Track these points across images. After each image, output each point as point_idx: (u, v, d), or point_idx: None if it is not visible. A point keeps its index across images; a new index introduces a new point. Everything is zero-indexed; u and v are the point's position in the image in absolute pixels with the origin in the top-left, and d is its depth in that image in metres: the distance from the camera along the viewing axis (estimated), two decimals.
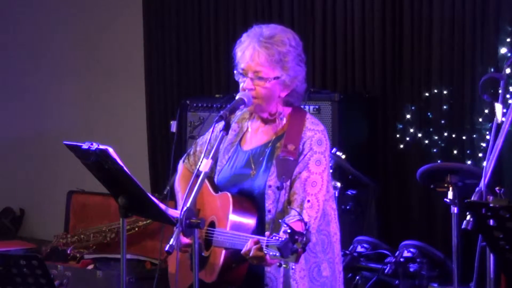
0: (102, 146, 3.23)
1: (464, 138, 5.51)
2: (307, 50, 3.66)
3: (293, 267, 3.31)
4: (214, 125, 3.37)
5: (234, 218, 3.33)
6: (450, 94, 5.59)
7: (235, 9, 6.60)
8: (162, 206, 3.34)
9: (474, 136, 5.45)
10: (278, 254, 2.97)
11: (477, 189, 3.11)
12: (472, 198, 3.08)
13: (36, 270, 3.31)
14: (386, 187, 5.77)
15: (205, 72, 6.82)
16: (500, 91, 3.34)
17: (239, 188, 3.44)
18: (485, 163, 3.19)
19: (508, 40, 5.30)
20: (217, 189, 3.51)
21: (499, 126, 3.22)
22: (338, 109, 5.49)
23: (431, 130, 5.64)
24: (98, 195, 6.40)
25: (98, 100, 7.69)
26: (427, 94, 5.66)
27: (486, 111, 5.35)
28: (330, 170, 3.53)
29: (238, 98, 3.38)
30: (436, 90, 5.62)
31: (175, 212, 3.29)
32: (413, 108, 5.72)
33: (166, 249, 3.06)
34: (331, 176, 3.60)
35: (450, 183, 4.44)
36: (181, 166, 3.74)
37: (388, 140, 5.83)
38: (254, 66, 3.37)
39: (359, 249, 5.01)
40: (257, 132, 3.52)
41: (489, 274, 3.34)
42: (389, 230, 5.71)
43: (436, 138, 5.62)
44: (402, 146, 5.74)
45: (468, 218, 2.99)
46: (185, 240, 3.38)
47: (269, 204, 3.34)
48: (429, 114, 5.67)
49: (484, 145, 5.36)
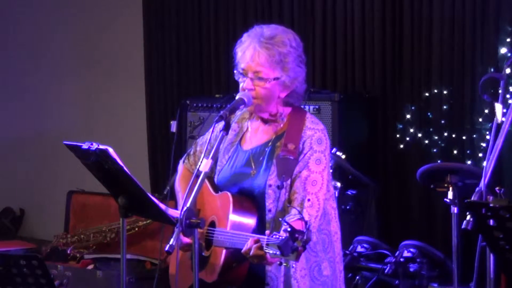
0: (102, 146, 3.23)
1: (464, 138, 5.51)
2: (307, 50, 3.66)
3: (293, 266, 3.31)
4: (214, 125, 3.37)
5: (234, 217, 3.33)
6: (450, 94, 5.59)
7: (235, 9, 6.60)
8: (162, 206, 3.34)
9: (474, 136, 5.45)
10: (278, 252, 2.97)
11: (477, 189, 3.11)
12: (472, 198, 3.08)
13: (36, 270, 3.30)
14: (386, 187, 5.77)
15: (205, 72, 6.82)
16: (500, 91, 3.34)
17: (239, 187, 3.44)
18: (485, 163, 3.19)
19: (508, 40, 5.30)
20: (217, 189, 3.51)
21: (499, 126, 3.22)
22: (338, 109, 5.49)
23: (431, 130, 5.64)
24: (98, 195, 6.40)
25: (98, 100, 7.69)
26: (427, 94, 5.66)
27: (486, 111, 5.35)
28: (330, 170, 3.53)
29: (238, 98, 3.38)
30: (436, 90, 5.62)
31: (175, 212, 3.29)
32: (413, 108, 5.71)
33: (166, 249, 3.05)
34: (331, 176, 3.60)
35: (450, 183, 4.43)
36: (181, 166, 3.74)
37: (388, 140, 5.83)
38: (254, 66, 3.37)
39: (359, 249, 5.01)
40: (257, 131, 3.52)
41: (489, 274, 3.34)
42: (389, 230, 5.71)
43: (436, 138, 5.62)
44: (402, 146, 5.73)
45: (468, 218, 2.99)
46: (185, 240, 3.38)
47: (269, 203, 3.34)
48: (429, 114, 5.67)
49: (484, 145, 5.36)
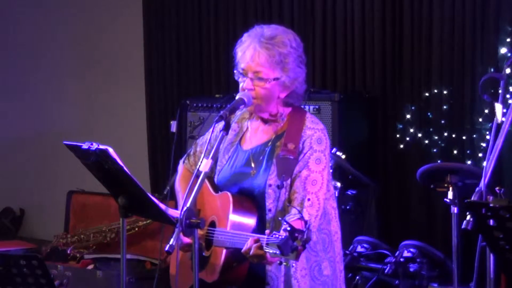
0: (102, 146, 3.23)
1: (464, 138, 5.51)
2: (307, 50, 3.65)
3: (293, 265, 3.30)
4: (214, 125, 3.37)
5: (235, 217, 3.33)
6: (450, 94, 5.59)
7: (235, 9, 6.60)
8: (162, 206, 3.34)
9: (474, 136, 5.45)
10: (278, 252, 2.97)
11: (477, 189, 3.11)
12: (472, 198, 3.08)
13: (36, 270, 3.30)
14: (386, 187, 5.77)
15: (205, 72, 6.82)
16: (500, 91, 3.34)
17: (239, 187, 3.44)
18: (485, 163, 3.19)
19: (508, 40, 5.30)
20: (217, 189, 3.51)
21: (499, 126, 3.22)
22: (338, 109, 5.49)
23: (431, 130, 5.64)
24: (98, 195, 6.40)
25: (98, 100, 7.69)
26: (427, 94, 5.66)
27: (486, 111, 5.35)
28: (330, 170, 3.53)
29: (238, 98, 3.38)
30: (436, 90, 5.62)
31: (175, 212, 3.29)
32: (413, 108, 5.71)
33: (166, 249, 3.05)
34: (331, 176, 3.60)
35: (450, 183, 4.43)
36: (181, 167, 3.74)
37: (388, 140, 5.83)
38: (254, 66, 3.37)
39: (359, 249, 5.01)
40: (257, 131, 3.52)
41: (489, 274, 3.34)
42: (389, 230, 5.71)
43: (436, 138, 5.62)
44: (402, 146, 5.73)
45: (468, 218, 2.99)
46: (186, 240, 3.38)
47: (269, 203, 3.34)
48: (429, 114, 5.67)
49: (484, 145, 5.36)
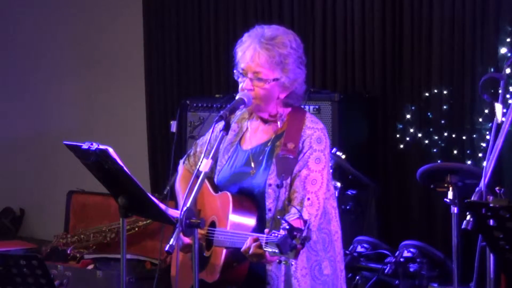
0: (102, 146, 3.23)
1: (464, 138, 5.51)
2: (307, 50, 3.65)
3: (292, 264, 3.30)
4: (214, 125, 3.37)
5: (234, 217, 3.33)
6: (450, 94, 5.59)
7: (235, 9, 6.60)
8: (162, 206, 3.34)
9: (474, 136, 5.45)
10: (277, 251, 2.97)
11: (477, 189, 3.11)
12: (472, 198, 3.08)
13: (36, 270, 3.30)
14: (386, 187, 5.77)
15: (205, 72, 6.82)
16: (500, 91, 3.34)
17: (239, 187, 3.44)
18: (485, 163, 3.19)
19: (508, 40, 5.30)
20: (217, 189, 3.51)
21: (499, 126, 3.21)
22: (338, 109, 5.49)
23: (431, 130, 5.64)
24: (98, 195, 6.40)
25: (98, 100, 7.69)
26: (427, 94, 5.66)
27: (486, 111, 5.35)
28: (330, 170, 3.53)
29: (238, 98, 3.37)
30: (436, 90, 5.62)
31: (175, 212, 3.29)
32: (413, 108, 5.71)
33: (166, 249, 3.05)
34: (331, 176, 3.60)
35: (450, 183, 4.43)
36: (181, 167, 3.74)
37: (388, 140, 5.83)
38: (254, 67, 3.36)
39: (359, 249, 5.01)
40: (256, 131, 3.52)
41: (489, 274, 3.34)
42: (389, 230, 5.70)
43: (436, 138, 5.62)
44: (402, 146, 5.73)
45: (468, 218, 2.99)
46: (186, 240, 3.38)
47: (269, 202, 3.34)
48: (429, 114, 5.67)
49: (484, 145, 5.36)
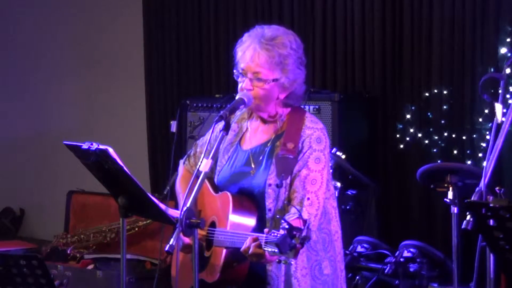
0: (102, 146, 3.23)
1: (464, 138, 5.51)
2: (307, 50, 3.65)
3: (291, 263, 3.30)
4: (214, 125, 3.37)
5: (234, 217, 3.32)
6: (450, 94, 5.59)
7: (235, 9, 6.60)
8: (162, 206, 3.34)
9: (474, 136, 5.45)
10: (276, 250, 2.97)
11: (477, 189, 3.11)
12: (472, 198, 3.08)
13: (36, 270, 3.30)
14: (386, 187, 5.77)
15: (205, 72, 6.82)
16: (500, 91, 3.34)
17: (239, 187, 3.44)
18: (485, 163, 3.19)
19: (508, 40, 5.30)
20: (217, 189, 3.51)
21: (499, 126, 3.22)
22: (338, 109, 5.49)
23: (431, 130, 5.64)
24: (98, 195, 6.40)
25: (98, 100, 7.69)
26: (427, 94, 5.66)
27: (486, 111, 5.35)
28: (330, 170, 3.52)
29: (238, 98, 3.38)
30: (436, 90, 5.62)
31: (175, 212, 3.29)
32: (413, 108, 5.71)
33: (166, 249, 3.05)
34: (331, 176, 3.60)
35: (450, 183, 4.43)
36: (181, 168, 3.74)
37: (388, 140, 5.83)
38: (254, 67, 3.36)
39: (359, 249, 5.01)
40: (256, 131, 3.52)
41: (489, 274, 3.34)
42: (389, 230, 5.70)
43: (436, 138, 5.62)
44: (402, 146, 5.73)
45: (468, 218, 2.99)
46: (186, 240, 3.38)
47: (269, 202, 3.34)
48: (429, 114, 5.67)
49: (484, 145, 5.36)
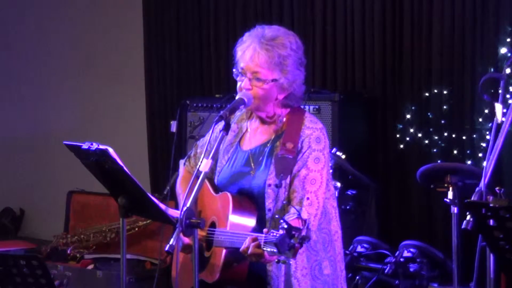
0: (102, 146, 3.23)
1: (464, 138, 5.51)
2: (307, 50, 3.65)
3: (290, 263, 3.30)
4: (214, 125, 3.37)
5: (234, 218, 3.33)
6: (450, 94, 5.59)
7: (235, 9, 6.60)
8: (162, 206, 3.34)
9: (474, 136, 5.45)
10: (275, 250, 2.97)
11: (477, 189, 3.11)
12: (472, 198, 3.08)
13: (36, 270, 3.30)
14: (386, 187, 5.77)
15: (205, 72, 6.82)
16: (500, 91, 3.34)
17: (239, 187, 3.44)
18: (485, 163, 3.19)
19: (508, 40, 5.29)
20: (217, 189, 3.51)
21: (499, 126, 3.22)
22: (338, 109, 5.49)
23: (431, 130, 5.64)
24: (98, 195, 6.40)
25: (98, 100, 7.68)
26: (427, 94, 5.66)
27: (486, 111, 5.35)
28: (330, 170, 3.52)
29: (238, 98, 3.38)
30: (436, 90, 5.62)
31: (175, 212, 3.29)
32: (413, 108, 5.71)
33: (166, 249, 3.05)
34: (331, 176, 3.60)
35: (450, 183, 4.43)
36: (181, 169, 3.74)
37: (388, 140, 5.83)
38: (253, 67, 3.36)
39: (359, 249, 5.01)
40: (256, 132, 3.52)
41: (489, 274, 3.34)
42: (389, 230, 5.70)
43: (436, 138, 5.62)
44: (402, 146, 5.73)
45: (468, 218, 3.00)
46: (187, 240, 3.38)
47: (269, 203, 3.34)
48: (429, 114, 5.67)
49: (484, 145, 5.36)
